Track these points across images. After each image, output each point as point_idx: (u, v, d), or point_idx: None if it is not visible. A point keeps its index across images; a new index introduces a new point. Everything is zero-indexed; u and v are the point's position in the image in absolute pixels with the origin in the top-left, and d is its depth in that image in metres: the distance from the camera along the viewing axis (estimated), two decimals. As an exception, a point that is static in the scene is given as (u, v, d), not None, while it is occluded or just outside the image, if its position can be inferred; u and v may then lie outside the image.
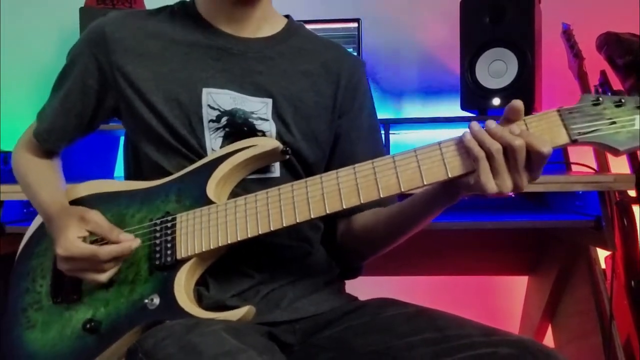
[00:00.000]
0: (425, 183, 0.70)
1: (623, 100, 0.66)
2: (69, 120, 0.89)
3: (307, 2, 1.81)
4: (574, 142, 0.66)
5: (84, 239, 0.78)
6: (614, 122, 0.66)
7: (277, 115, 0.84)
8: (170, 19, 0.88)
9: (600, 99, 0.66)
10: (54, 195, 0.86)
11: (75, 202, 0.86)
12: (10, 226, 1.35)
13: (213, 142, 0.82)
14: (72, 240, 0.76)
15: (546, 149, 0.64)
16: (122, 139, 0.97)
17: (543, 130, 0.67)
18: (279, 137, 0.84)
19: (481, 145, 0.66)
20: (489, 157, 0.66)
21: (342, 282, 0.93)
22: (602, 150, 0.68)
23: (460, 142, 0.69)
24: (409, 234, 0.85)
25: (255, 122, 0.83)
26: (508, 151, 0.65)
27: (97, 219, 0.79)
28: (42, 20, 1.91)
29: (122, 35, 0.84)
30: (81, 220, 0.78)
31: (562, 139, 0.66)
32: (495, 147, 0.65)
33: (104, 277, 0.77)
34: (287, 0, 0.98)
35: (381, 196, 0.71)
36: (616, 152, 0.66)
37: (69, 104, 0.88)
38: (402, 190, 0.71)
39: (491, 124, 0.67)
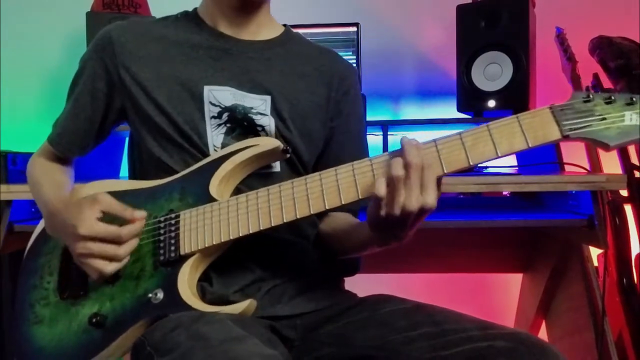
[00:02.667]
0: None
1: (613, 98, 0.67)
2: (79, 124, 0.91)
3: (307, 7, 1.83)
4: (565, 137, 0.67)
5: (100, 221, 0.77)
6: (604, 119, 0.66)
7: (275, 111, 0.86)
8: (173, 24, 0.91)
9: (591, 96, 0.67)
10: (60, 194, 0.87)
11: None
12: (19, 225, 1.36)
13: (215, 138, 0.84)
14: (93, 221, 0.76)
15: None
16: (127, 140, 0.99)
17: (536, 126, 0.68)
18: (278, 131, 0.86)
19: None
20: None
21: (341, 279, 0.95)
22: (593, 145, 0.68)
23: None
24: (355, 252, 0.87)
25: (254, 117, 0.85)
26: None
27: (108, 199, 0.79)
28: (48, 24, 1.92)
29: (127, 39, 0.87)
30: (94, 201, 0.77)
31: (554, 134, 0.67)
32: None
33: (111, 267, 0.77)
34: (288, 5, 1.00)
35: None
36: (607, 147, 0.67)
37: (79, 107, 0.90)
38: None
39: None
